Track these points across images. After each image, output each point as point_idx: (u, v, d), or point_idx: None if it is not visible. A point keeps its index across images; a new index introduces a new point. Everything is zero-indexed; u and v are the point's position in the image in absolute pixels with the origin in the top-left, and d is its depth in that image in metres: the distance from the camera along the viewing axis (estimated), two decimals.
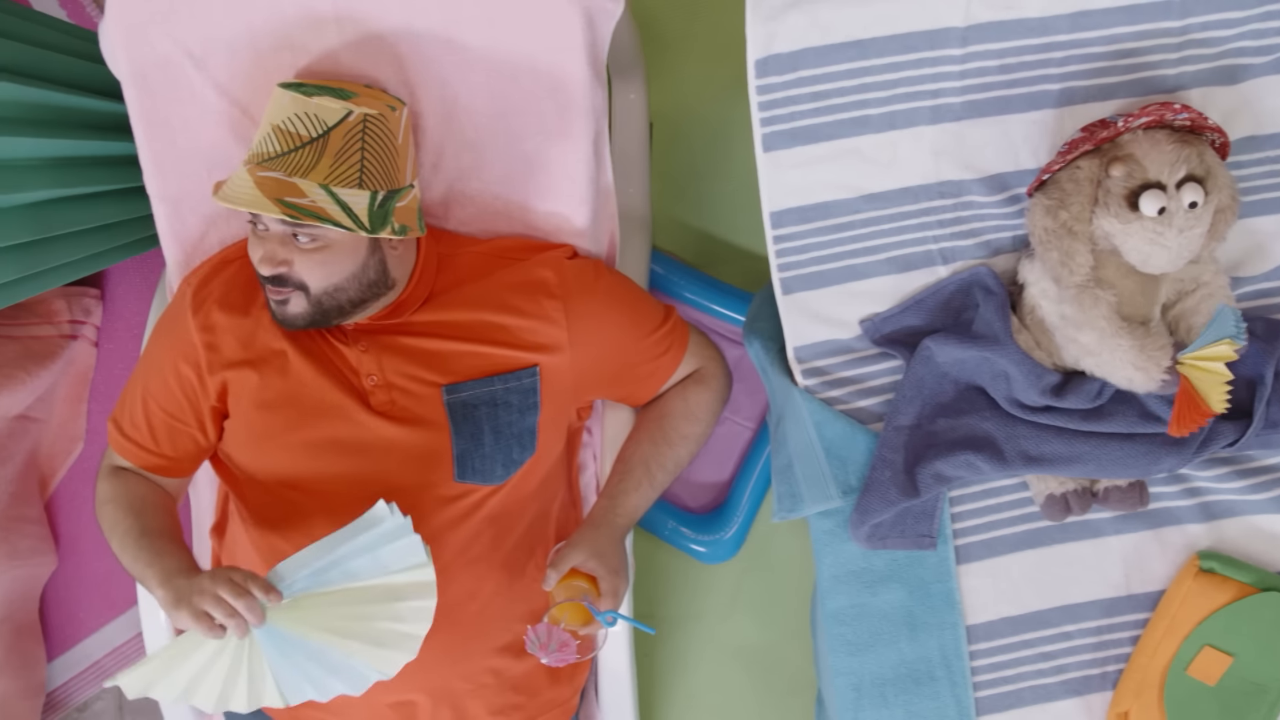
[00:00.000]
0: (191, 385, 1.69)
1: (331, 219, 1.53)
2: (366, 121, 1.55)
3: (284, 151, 1.54)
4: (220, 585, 1.48)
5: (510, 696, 1.79)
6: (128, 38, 1.65)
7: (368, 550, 1.52)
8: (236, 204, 1.53)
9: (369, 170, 1.56)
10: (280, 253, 1.58)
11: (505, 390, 1.69)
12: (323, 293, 1.60)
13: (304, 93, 1.55)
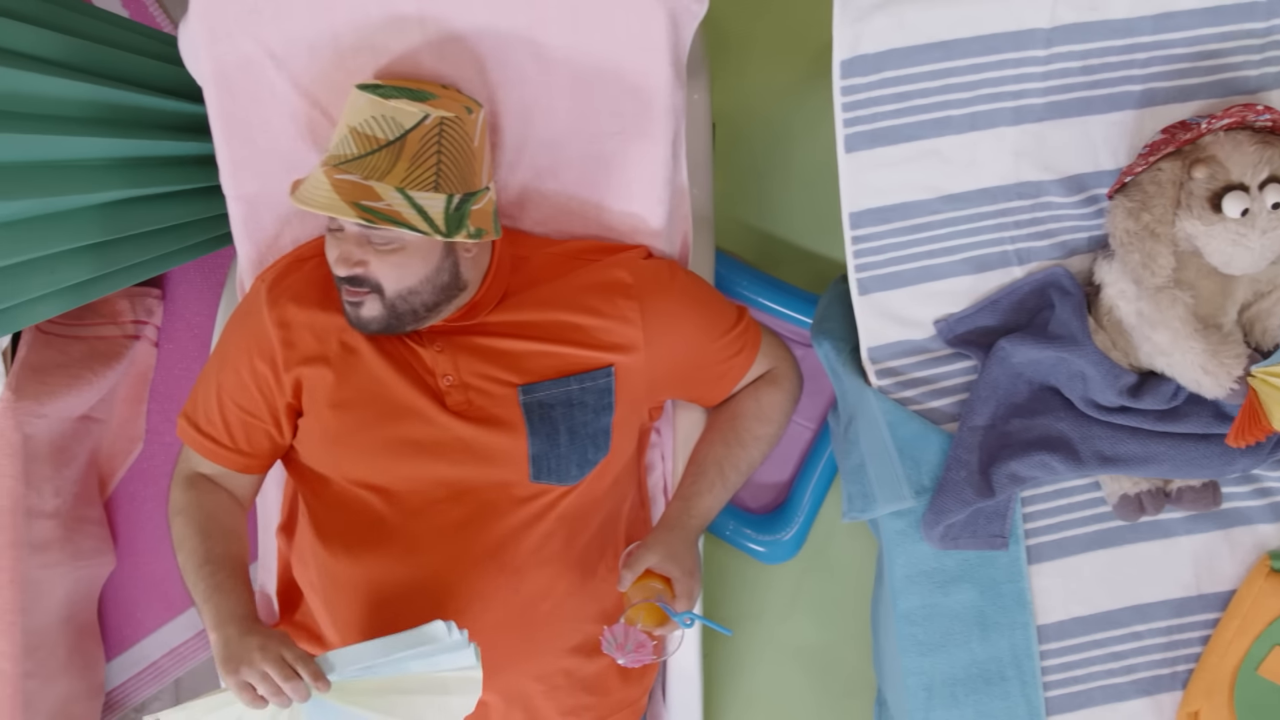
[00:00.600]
0: (267, 381, 1.69)
1: (407, 223, 1.53)
2: (443, 125, 1.55)
3: (361, 154, 1.54)
4: (270, 663, 1.50)
5: (581, 697, 1.79)
6: (211, 37, 1.65)
7: (423, 657, 1.54)
8: (313, 206, 1.53)
9: (445, 173, 1.56)
10: (356, 253, 1.58)
11: (581, 390, 1.69)
12: (397, 295, 1.60)
13: (381, 95, 1.55)
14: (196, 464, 1.76)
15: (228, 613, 1.59)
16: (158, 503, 2.26)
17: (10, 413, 1.84)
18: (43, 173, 1.75)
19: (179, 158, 1.89)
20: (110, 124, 1.80)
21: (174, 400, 2.25)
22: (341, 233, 1.59)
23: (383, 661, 1.52)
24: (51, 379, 1.92)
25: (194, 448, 1.74)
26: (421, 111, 1.53)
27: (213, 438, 1.72)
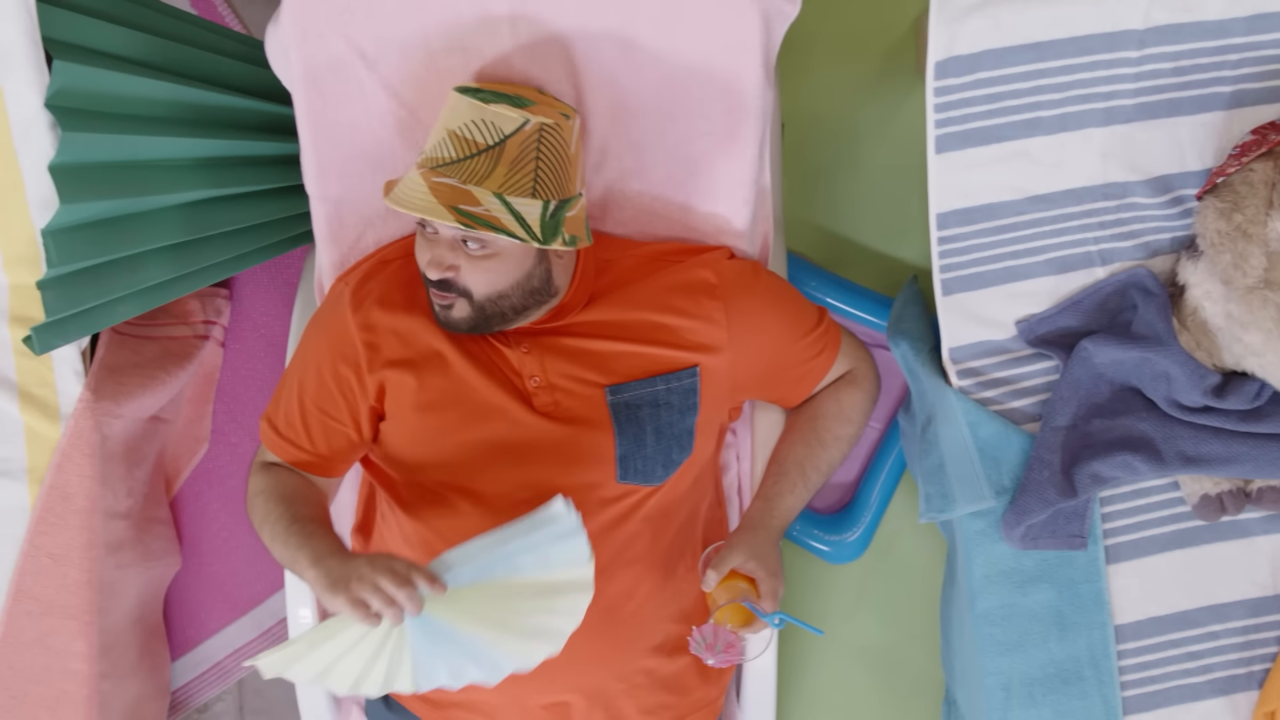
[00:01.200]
0: (349, 384, 1.69)
1: (505, 229, 1.52)
2: (542, 131, 1.55)
3: (459, 158, 1.54)
4: (381, 574, 1.45)
5: (661, 696, 1.80)
6: (302, 37, 1.64)
7: (535, 548, 1.51)
8: (410, 209, 1.53)
9: (542, 180, 1.56)
10: (448, 258, 1.58)
11: (667, 391, 1.69)
12: (486, 299, 1.60)
13: (481, 99, 1.55)
14: (273, 459, 1.75)
15: (324, 550, 1.55)
16: (222, 503, 2.26)
17: (89, 413, 1.83)
18: (127, 173, 1.75)
19: (259, 158, 1.89)
20: (192, 124, 1.80)
21: (239, 401, 2.24)
22: (434, 235, 1.59)
23: (496, 556, 1.48)
24: (128, 379, 1.91)
25: (274, 450, 1.74)
26: (522, 117, 1.53)
27: (292, 440, 1.71)
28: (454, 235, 1.57)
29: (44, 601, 1.89)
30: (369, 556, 1.50)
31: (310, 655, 1.50)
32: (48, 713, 1.93)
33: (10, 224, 1.77)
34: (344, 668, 1.53)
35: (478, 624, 1.51)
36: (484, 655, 1.53)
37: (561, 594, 1.53)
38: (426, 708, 1.81)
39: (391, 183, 1.63)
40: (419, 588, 1.46)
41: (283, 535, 1.62)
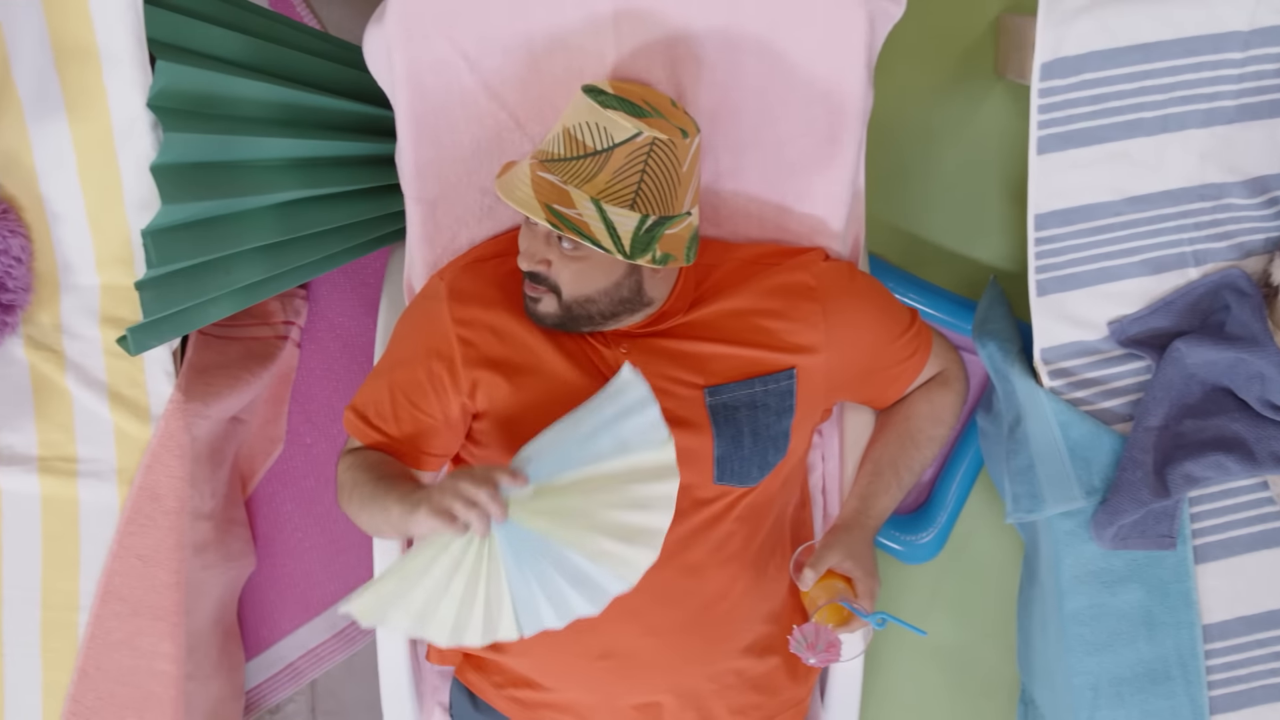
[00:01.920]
0: (441, 379, 1.69)
1: (592, 236, 1.52)
2: (654, 145, 1.54)
3: (567, 156, 1.55)
4: (462, 479, 1.44)
5: (751, 696, 1.80)
6: (407, 38, 1.64)
7: (610, 425, 1.48)
8: (509, 199, 1.54)
9: (644, 193, 1.55)
10: (541, 251, 1.59)
11: (764, 392, 1.70)
12: (573, 300, 1.61)
13: (601, 102, 1.55)
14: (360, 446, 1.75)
15: (412, 489, 1.54)
16: (296, 504, 2.26)
17: (180, 413, 1.83)
18: (225, 173, 1.75)
19: (349, 158, 1.89)
20: (286, 124, 1.80)
21: (314, 401, 2.24)
22: (535, 228, 1.60)
23: (573, 440, 1.46)
24: (215, 380, 1.91)
25: (360, 438, 1.73)
26: (635, 128, 1.53)
27: (379, 429, 1.71)
28: (549, 231, 1.58)
29: (132, 603, 1.88)
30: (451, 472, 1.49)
31: (403, 598, 1.47)
32: (134, 714, 1.92)
33: (106, 224, 1.77)
34: (441, 612, 1.49)
35: (569, 528, 1.46)
36: (584, 575, 1.49)
37: (647, 482, 1.49)
38: (516, 708, 1.81)
39: (507, 165, 1.63)
40: (502, 486, 1.43)
41: (370, 494, 1.61)
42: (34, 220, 1.78)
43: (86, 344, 1.83)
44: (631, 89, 1.60)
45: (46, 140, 1.71)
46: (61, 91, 1.68)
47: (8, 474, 1.86)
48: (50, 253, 1.80)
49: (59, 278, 1.81)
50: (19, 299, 1.78)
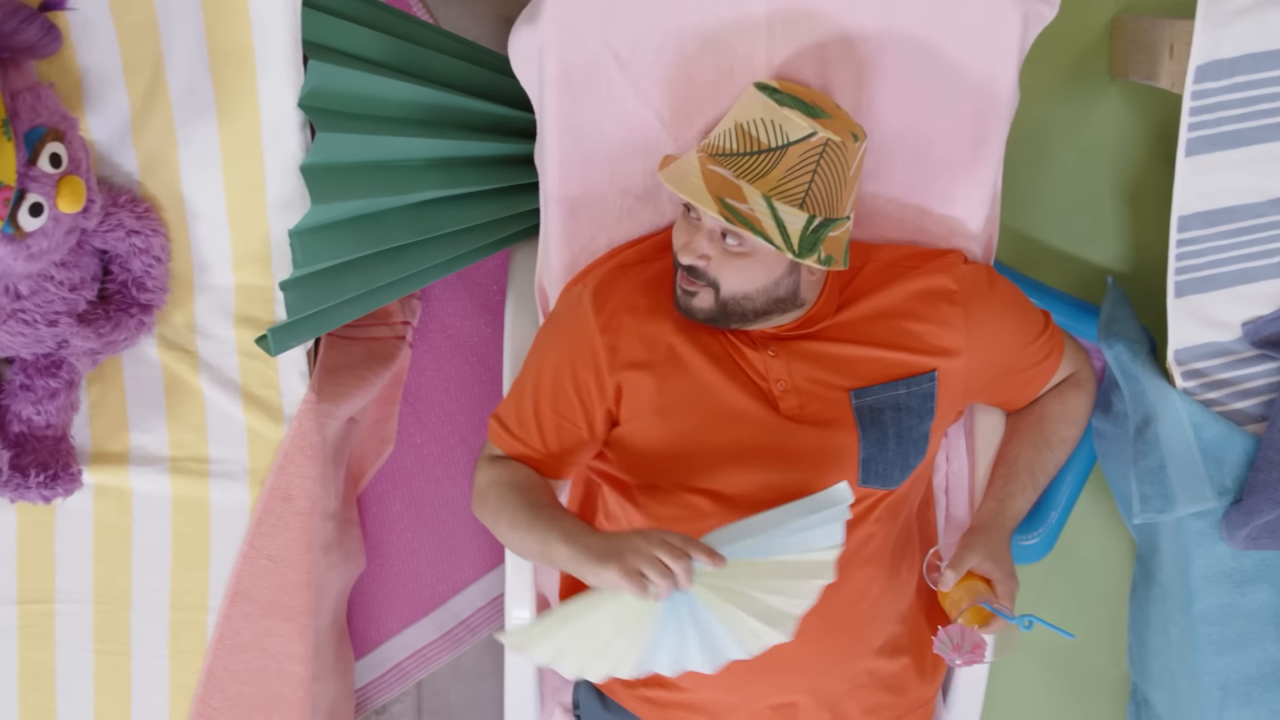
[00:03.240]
0: (587, 387, 1.69)
1: (764, 233, 1.53)
2: (828, 146, 1.55)
3: (740, 152, 1.55)
4: (658, 547, 1.45)
5: (882, 696, 1.80)
6: (562, 37, 1.64)
7: (806, 529, 1.50)
8: (681, 191, 1.54)
9: (814, 194, 1.56)
10: (704, 246, 1.59)
11: (908, 395, 1.70)
12: (731, 297, 1.61)
13: (777, 100, 1.55)
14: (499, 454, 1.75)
15: (574, 528, 1.55)
16: (405, 504, 2.26)
17: (313, 414, 1.82)
18: (370, 173, 1.75)
19: (483, 158, 1.88)
20: (427, 124, 1.80)
21: (424, 402, 2.24)
22: (696, 221, 1.60)
23: (769, 536, 1.48)
24: (343, 380, 1.91)
25: (504, 448, 1.73)
26: (811, 127, 1.53)
27: (524, 440, 1.71)
28: (714, 226, 1.58)
29: (261, 604, 1.88)
30: (640, 530, 1.50)
31: (556, 633, 1.51)
32: (261, 715, 1.92)
33: (246, 224, 1.77)
34: (580, 649, 1.52)
35: (722, 601, 1.49)
36: (713, 637, 1.52)
37: (803, 577, 1.53)
38: (648, 708, 1.81)
39: (669, 158, 1.63)
40: (695, 562, 1.45)
41: (525, 522, 1.62)
42: (172, 220, 1.77)
43: (220, 344, 1.83)
44: (799, 89, 1.60)
45: (193, 140, 1.71)
46: (213, 92, 1.68)
47: (139, 474, 1.86)
48: (187, 252, 1.79)
49: (194, 278, 1.81)
50: (156, 299, 1.78)
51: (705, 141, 1.58)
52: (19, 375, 1.79)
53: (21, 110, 1.56)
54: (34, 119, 1.57)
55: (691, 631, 1.51)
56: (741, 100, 1.58)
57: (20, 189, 1.55)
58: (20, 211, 1.56)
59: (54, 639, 1.91)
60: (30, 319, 1.70)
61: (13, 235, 1.57)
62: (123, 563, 1.89)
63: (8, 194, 1.52)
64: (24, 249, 1.59)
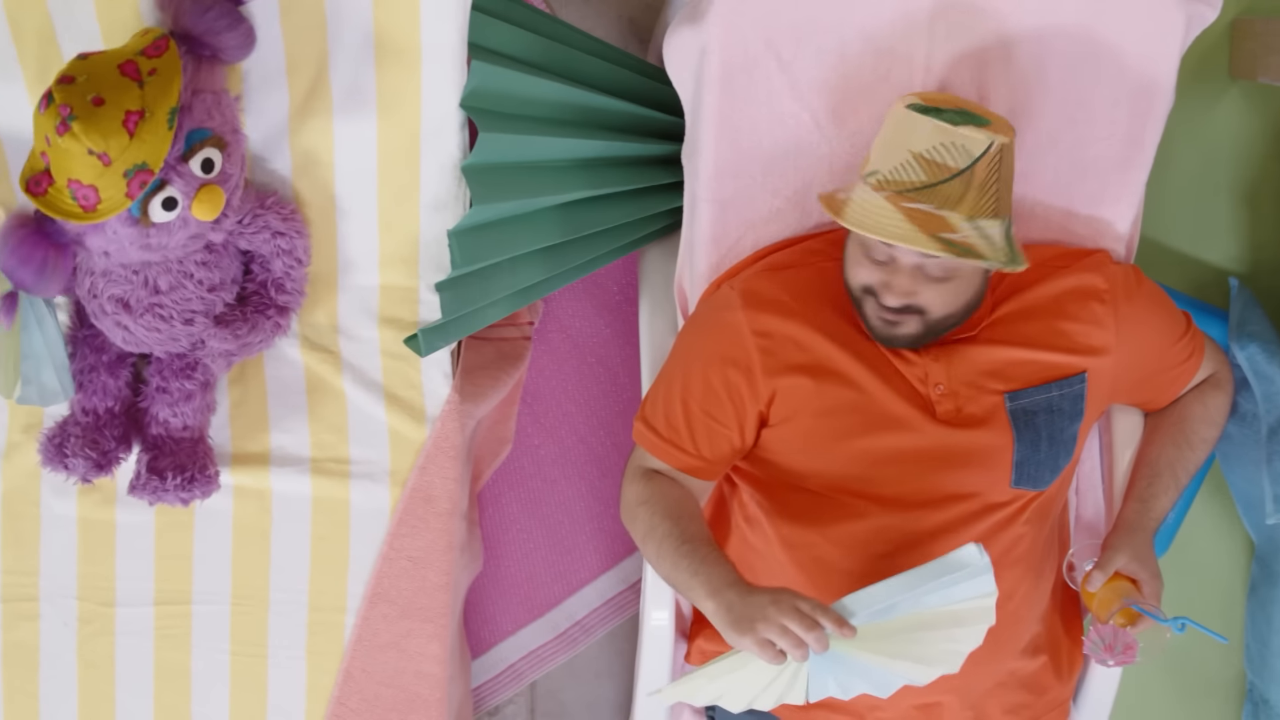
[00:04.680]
0: (739, 389, 1.69)
1: (983, 255, 1.52)
2: (1003, 151, 1.54)
3: (931, 182, 1.53)
4: (787, 616, 1.45)
5: (1022, 696, 1.81)
6: (728, 37, 1.64)
7: (943, 589, 1.50)
8: (893, 238, 1.51)
9: (1001, 200, 1.56)
10: (909, 285, 1.57)
11: (1060, 397, 1.70)
12: (939, 319, 1.61)
13: (947, 120, 1.53)
14: (651, 462, 1.75)
15: (720, 580, 1.55)
16: (521, 505, 2.25)
17: (456, 415, 1.82)
18: (525, 174, 1.75)
19: (627, 159, 1.88)
20: (577, 125, 1.80)
21: (543, 402, 2.23)
22: (888, 261, 1.58)
23: (903, 599, 1.48)
24: (480, 381, 1.91)
25: (655, 453, 1.73)
26: (988, 138, 1.52)
27: (674, 443, 1.71)
28: (915, 263, 1.56)
29: (401, 604, 1.88)
30: (772, 594, 1.48)
31: (707, 688, 1.54)
32: (398, 716, 1.92)
33: (396, 224, 1.76)
34: (739, 691, 1.56)
35: (879, 655, 1.52)
36: (880, 678, 1.56)
37: (964, 625, 1.54)
38: (790, 708, 1.81)
39: (830, 198, 1.61)
40: (826, 630, 1.45)
41: (671, 556, 1.62)
42: (320, 219, 1.77)
43: (363, 345, 1.82)
44: (952, 100, 1.59)
45: (351, 139, 1.71)
46: (375, 90, 1.68)
47: (279, 475, 1.85)
48: (333, 252, 1.79)
49: (338, 278, 1.80)
50: (293, 301, 1.78)
51: (880, 178, 1.55)
52: (155, 378, 1.79)
53: (196, 108, 1.56)
54: (204, 121, 1.57)
55: (849, 671, 1.53)
56: (903, 128, 1.54)
57: (162, 179, 1.56)
58: (154, 200, 1.56)
59: (190, 640, 1.91)
60: (166, 314, 1.70)
61: (138, 220, 1.57)
62: (261, 564, 1.88)
63: (148, 177, 1.52)
64: (142, 236, 1.59)
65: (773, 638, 1.45)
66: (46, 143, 1.50)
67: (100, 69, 1.50)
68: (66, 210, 1.53)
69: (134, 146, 1.48)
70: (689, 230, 1.81)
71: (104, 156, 1.48)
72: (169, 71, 1.53)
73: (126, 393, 1.80)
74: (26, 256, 1.59)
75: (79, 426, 1.77)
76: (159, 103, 1.51)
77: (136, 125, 1.48)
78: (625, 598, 2.28)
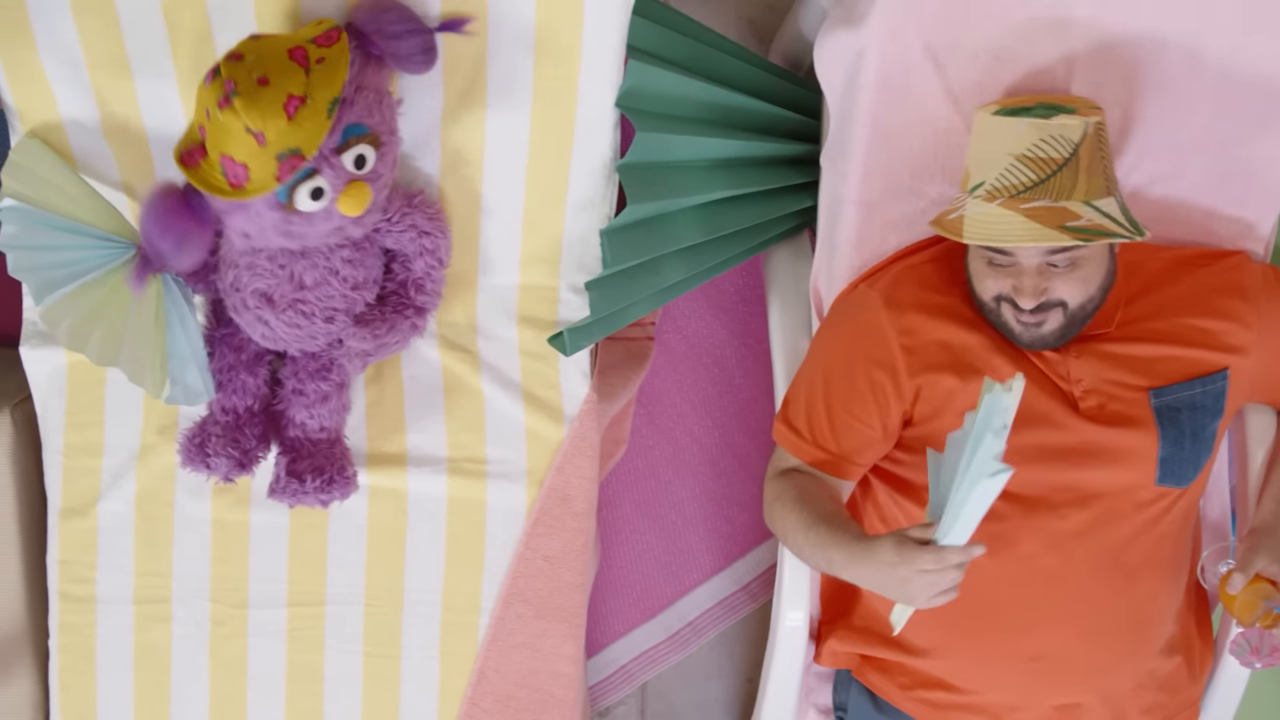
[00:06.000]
0: (883, 389, 1.69)
1: (1115, 233, 1.54)
2: (1098, 129, 1.57)
3: (1041, 179, 1.55)
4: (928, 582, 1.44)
5: (1158, 696, 1.81)
6: (889, 40, 1.64)
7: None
8: (1018, 241, 1.53)
9: (1109, 176, 1.58)
10: (1040, 283, 1.59)
11: (1202, 394, 1.71)
12: (1079, 307, 1.62)
13: (1038, 116, 1.55)
14: (791, 462, 1.75)
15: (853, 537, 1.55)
16: (635, 506, 2.25)
17: (593, 414, 1.82)
18: (673, 173, 1.75)
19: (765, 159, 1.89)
20: (718, 125, 1.80)
21: (658, 403, 2.23)
22: (1010, 265, 1.59)
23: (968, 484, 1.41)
24: (613, 381, 1.91)
25: (796, 452, 1.73)
26: (1083, 122, 1.54)
27: (817, 443, 1.71)
28: (1039, 261, 1.58)
29: (536, 604, 1.87)
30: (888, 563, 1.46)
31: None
32: (531, 716, 1.92)
33: (541, 223, 1.76)
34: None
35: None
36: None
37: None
38: (925, 709, 1.81)
39: (942, 221, 1.62)
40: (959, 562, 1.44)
41: (802, 540, 1.64)
42: (464, 217, 1.77)
43: (501, 344, 1.82)
44: (1027, 98, 1.61)
45: (502, 138, 1.71)
46: (532, 89, 1.67)
47: (416, 476, 1.85)
48: (474, 251, 1.79)
49: (477, 277, 1.80)
50: (431, 302, 1.77)
51: (987, 187, 1.57)
52: (291, 380, 1.78)
53: (358, 103, 1.56)
54: (364, 117, 1.57)
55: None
56: (992, 134, 1.57)
57: (313, 168, 1.55)
58: (302, 188, 1.56)
59: (324, 642, 1.90)
60: (308, 311, 1.69)
61: (283, 205, 1.56)
62: (396, 564, 1.88)
63: (299, 163, 1.52)
64: (285, 223, 1.59)
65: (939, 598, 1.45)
66: (206, 116, 1.50)
67: (270, 51, 1.51)
68: (215, 185, 1.53)
69: (290, 130, 1.48)
70: (829, 231, 1.81)
71: (260, 136, 1.48)
72: (336, 62, 1.52)
73: (265, 391, 1.80)
74: (169, 226, 1.58)
75: (219, 426, 1.76)
76: (321, 91, 1.51)
77: (296, 110, 1.48)
78: (738, 598, 2.28)
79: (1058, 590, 1.69)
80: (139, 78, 1.68)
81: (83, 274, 1.70)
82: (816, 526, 1.62)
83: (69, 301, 1.70)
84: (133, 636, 1.90)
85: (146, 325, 1.69)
